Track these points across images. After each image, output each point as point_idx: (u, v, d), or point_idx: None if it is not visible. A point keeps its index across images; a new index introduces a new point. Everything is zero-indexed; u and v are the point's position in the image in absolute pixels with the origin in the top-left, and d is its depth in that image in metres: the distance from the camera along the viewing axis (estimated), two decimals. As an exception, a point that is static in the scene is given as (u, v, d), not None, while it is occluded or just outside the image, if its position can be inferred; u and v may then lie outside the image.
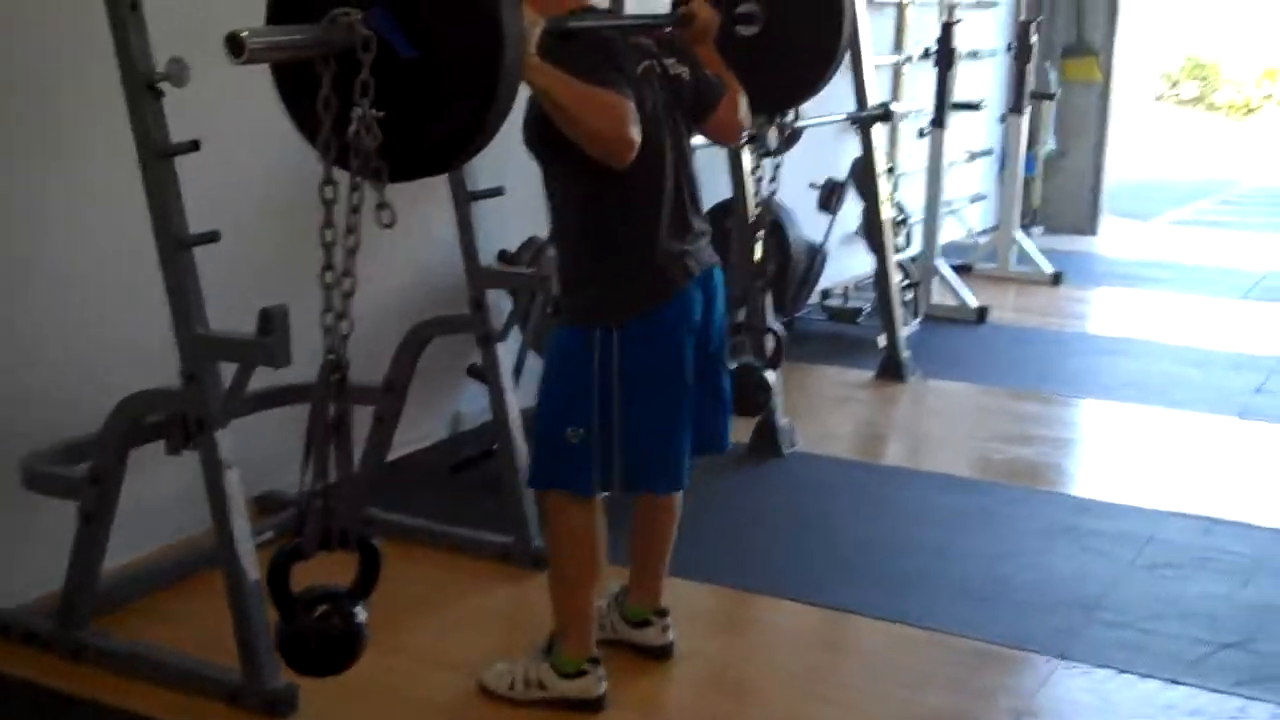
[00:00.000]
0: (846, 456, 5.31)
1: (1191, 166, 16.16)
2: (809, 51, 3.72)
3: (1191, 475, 4.98)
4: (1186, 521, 4.51)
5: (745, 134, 3.56)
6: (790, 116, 4.39)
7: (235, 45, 2.20)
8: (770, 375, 4.27)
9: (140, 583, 3.73)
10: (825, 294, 7.27)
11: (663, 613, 3.47)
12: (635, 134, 2.78)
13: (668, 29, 3.23)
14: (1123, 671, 3.47)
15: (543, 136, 2.93)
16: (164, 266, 3.09)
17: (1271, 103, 23.93)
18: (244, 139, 3.81)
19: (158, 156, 3.04)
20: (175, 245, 3.06)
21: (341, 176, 2.29)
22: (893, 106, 6.07)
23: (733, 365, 4.07)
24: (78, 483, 3.27)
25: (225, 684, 3.14)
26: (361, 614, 2.44)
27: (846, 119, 5.77)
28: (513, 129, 2.97)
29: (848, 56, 5.80)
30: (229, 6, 2.55)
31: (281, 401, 3.99)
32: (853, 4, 3.64)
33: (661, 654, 3.46)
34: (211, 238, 3.06)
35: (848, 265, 7.57)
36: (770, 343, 4.47)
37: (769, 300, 4.93)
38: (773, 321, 4.90)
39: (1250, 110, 24.01)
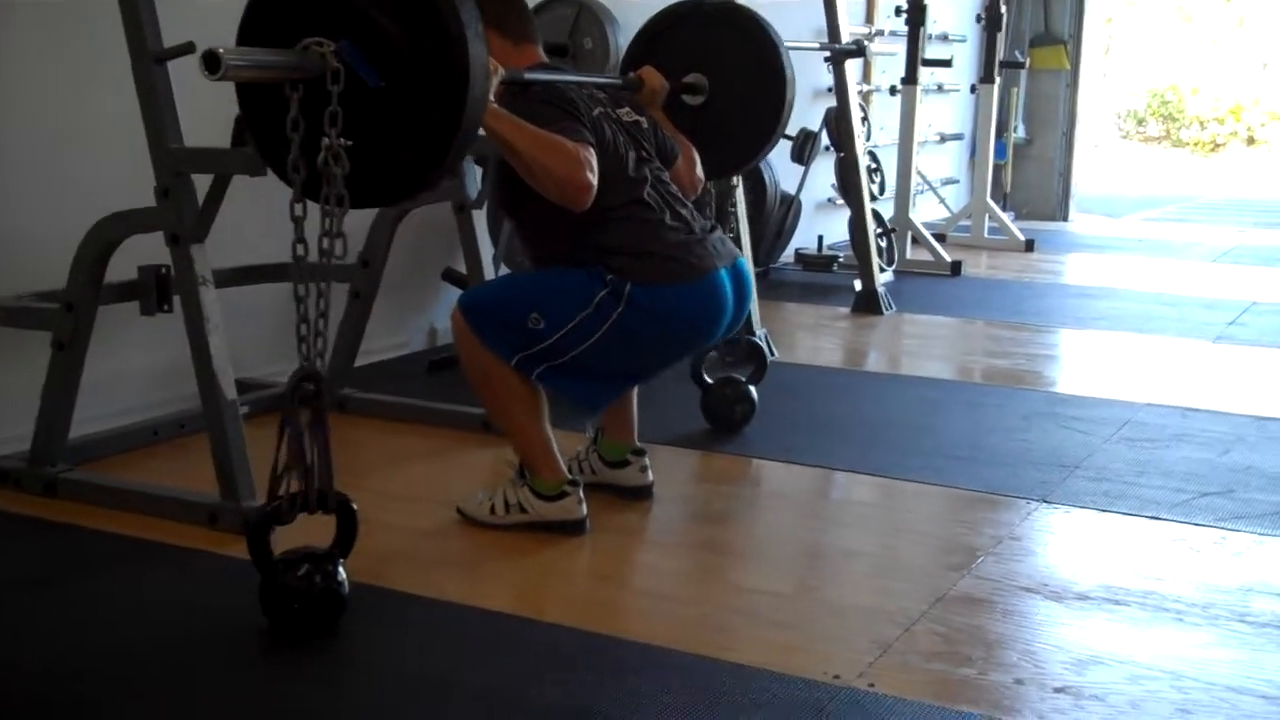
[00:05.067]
0: (825, 364, 5.31)
1: (1159, 184, 16.30)
2: (752, 120, 3.79)
3: (1167, 378, 5.00)
4: (1164, 410, 4.53)
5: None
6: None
7: (212, 61, 2.28)
8: (753, 390, 4.11)
9: (110, 444, 3.66)
10: (799, 251, 7.29)
11: (639, 452, 3.45)
12: (590, 177, 2.86)
13: (621, 90, 3.36)
14: (1105, 511, 3.47)
15: (513, 189, 2.99)
16: (138, 82, 3.08)
17: (1237, 140, 24.13)
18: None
19: (132, -29, 3.05)
20: (150, 60, 3.06)
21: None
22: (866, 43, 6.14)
23: (713, 379, 4.03)
24: (51, 314, 3.24)
25: (203, 506, 3.10)
26: (341, 572, 2.53)
27: (820, 48, 5.80)
28: None
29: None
30: None
31: (257, 278, 3.97)
32: (793, 76, 3.73)
33: (641, 494, 3.43)
34: (188, 49, 3.04)
35: (821, 229, 7.61)
36: (754, 352, 4.25)
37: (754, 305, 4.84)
38: (757, 329, 4.89)
39: (1217, 147, 24.17)
